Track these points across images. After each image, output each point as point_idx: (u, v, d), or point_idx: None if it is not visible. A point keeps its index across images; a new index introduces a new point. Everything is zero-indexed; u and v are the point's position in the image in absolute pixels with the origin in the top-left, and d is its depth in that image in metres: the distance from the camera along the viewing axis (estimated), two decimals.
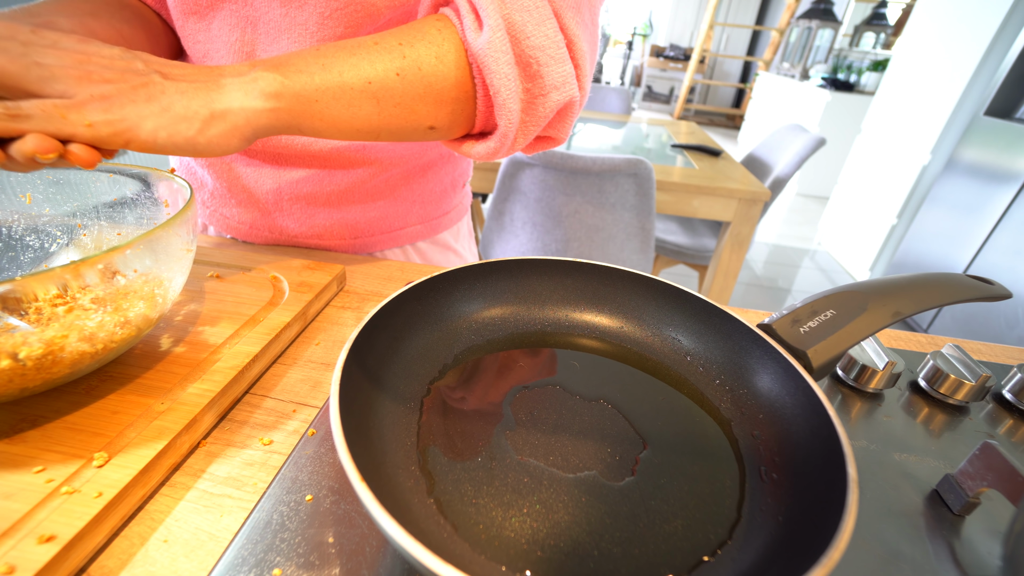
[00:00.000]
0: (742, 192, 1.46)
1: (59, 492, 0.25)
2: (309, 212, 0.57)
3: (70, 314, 0.29)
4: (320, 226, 0.58)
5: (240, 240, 0.61)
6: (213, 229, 0.63)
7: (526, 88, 0.39)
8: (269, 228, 0.58)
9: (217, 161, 0.56)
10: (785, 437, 0.28)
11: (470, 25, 0.37)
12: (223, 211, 0.59)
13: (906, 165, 2.54)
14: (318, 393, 0.37)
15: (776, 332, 0.32)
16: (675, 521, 0.26)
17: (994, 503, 0.31)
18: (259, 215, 0.57)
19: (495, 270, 0.39)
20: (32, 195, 0.39)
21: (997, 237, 1.89)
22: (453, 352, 0.36)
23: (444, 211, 0.66)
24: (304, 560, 0.24)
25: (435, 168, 0.60)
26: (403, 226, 0.62)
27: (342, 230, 0.58)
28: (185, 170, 0.61)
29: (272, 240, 0.59)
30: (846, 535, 0.19)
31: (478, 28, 0.37)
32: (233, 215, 0.59)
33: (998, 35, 2.07)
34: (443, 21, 0.39)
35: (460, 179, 0.67)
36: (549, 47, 0.38)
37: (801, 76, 4.97)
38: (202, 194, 0.60)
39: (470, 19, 0.37)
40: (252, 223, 0.58)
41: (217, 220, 0.60)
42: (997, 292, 0.33)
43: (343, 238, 0.59)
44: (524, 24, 0.37)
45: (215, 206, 0.59)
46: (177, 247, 0.33)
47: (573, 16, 0.40)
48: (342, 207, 0.57)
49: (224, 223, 0.60)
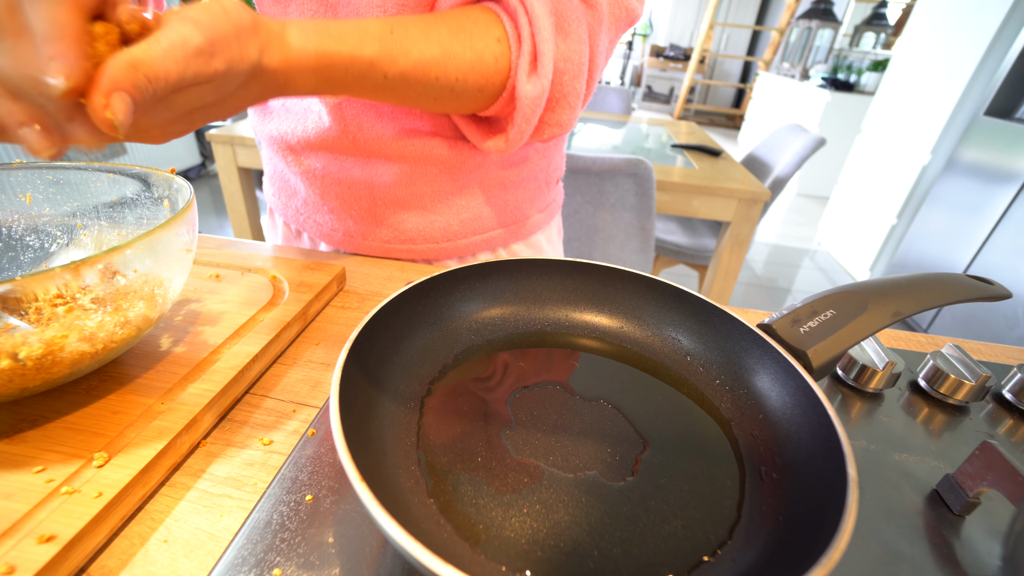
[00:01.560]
0: (742, 192, 1.46)
1: (59, 492, 0.25)
2: (400, 217, 0.56)
3: (70, 314, 0.29)
4: (412, 230, 0.57)
5: (332, 247, 0.61)
6: (307, 236, 0.63)
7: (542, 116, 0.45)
8: (362, 235, 0.58)
9: (309, 170, 0.56)
10: (785, 437, 0.28)
11: (524, 66, 0.41)
12: (316, 218, 0.59)
13: (906, 165, 2.54)
14: (318, 393, 0.37)
15: (776, 332, 0.32)
16: (675, 521, 0.26)
17: (994, 503, 0.31)
18: (352, 223, 0.57)
19: (495, 270, 0.39)
20: (32, 195, 0.39)
21: (997, 237, 1.89)
22: (453, 352, 0.36)
23: (538, 208, 0.63)
24: (304, 560, 0.24)
25: (528, 161, 0.59)
26: (494, 227, 0.60)
27: (433, 233, 0.58)
28: (278, 178, 0.61)
29: (364, 249, 0.59)
30: (846, 535, 0.19)
31: (532, 72, 0.41)
32: (326, 222, 0.59)
33: (998, 35, 2.07)
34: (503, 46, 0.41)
35: (554, 174, 0.65)
36: (571, 97, 0.44)
37: (801, 76, 4.97)
38: (295, 202, 0.60)
39: (527, 60, 0.40)
40: (345, 231, 0.58)
41: (311, 227, 0.60)
42: (997, 292, 0.33)
43: (434, 241, 0.58)
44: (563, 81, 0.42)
45: (308, 213, 0.59)
46: (177, 247, 0.33)
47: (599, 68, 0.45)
48: (434, 210, 0.56)
49: (317, 230, 0.60)
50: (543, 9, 0.39)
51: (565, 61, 0.41)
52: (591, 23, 0.42)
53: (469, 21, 0.40)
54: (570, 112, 0.45)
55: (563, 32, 0.40)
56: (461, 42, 0.39)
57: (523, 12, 0.40)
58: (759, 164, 2.02)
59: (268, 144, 0.58)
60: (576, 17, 0.41)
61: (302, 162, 0.55)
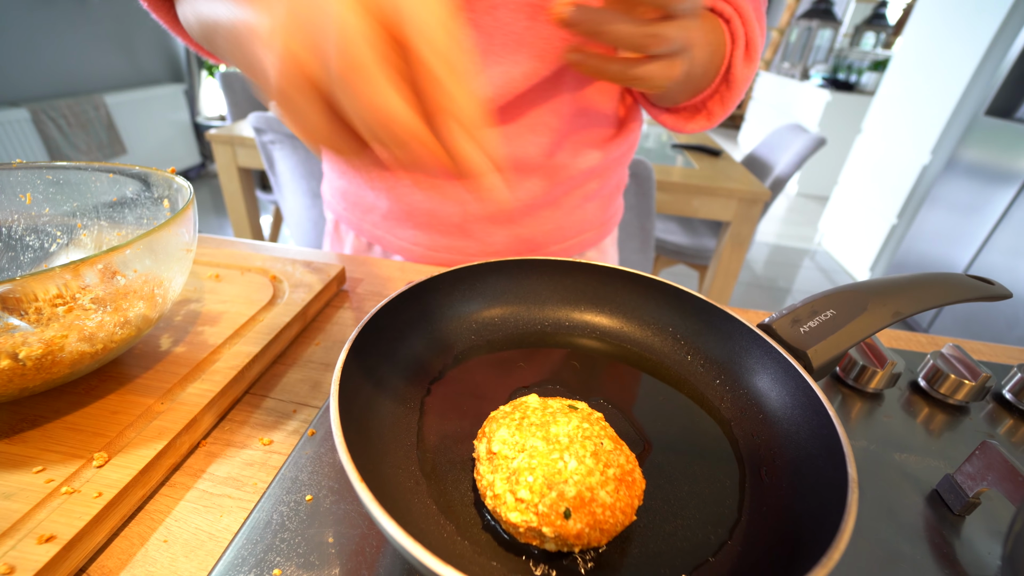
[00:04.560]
0: (742, 192, 1.46)
1: (59, 492, 0.25)
2: (489, 231, 0.57)
3: (70, 314, 0.29)
4: (499, 243, 0.58)
5: (406, 260, 0.61)
6: (379, 249, 0.63)
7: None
8: (448, 249, 0.58)
9: (395, 186, 0.56)
10: (785, 437, 0.28)
11: (739, 55, 0.47)
12: (397, 232, 0.59)
13: (906, 165, 2.54)
14: (318, 393, 0.37)
15: (776, 332, 0.32)
16: (675, 521, 0.26)
17: (994, 503, 0.31)
18: (439, 237, 0.58)
19: (495, 270, 0.39)
20: (32, 195, 0.39)
21: (997, 237, 1.89)
22: (453, 352, 0.36)
23: (610, 215, 0.65)
24: (304, 560, 0.24)
25: (607, 173, 0.60)
26: (575, 235, 0.61)
27: (518, 244, 0.59)
28: (352, 192, 0.60)
29: (444, 261, 0.59)
30: (846, 535, 0.19)
31: (747, 60, 0.48)
32: (408, 237, 0.59)
33: (998, 35, 2.07)
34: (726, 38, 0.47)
35: (622, 182, 0.67)
36: (750, 80, 0.51)
37: (801, 76, 4.97)
38: (372, 216, 0.60)
39: (740, 51, 0.47)
40: (429, 245, 0.58)
41: (388, 243, 0.60)
42: (997, 292, 0.33)
43: (517, 252, 0.59)
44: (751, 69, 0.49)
45: (388, 228, 0.59)
46: (177, 247, 0.33)
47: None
48: (521, 222, 0.57)
49: (395, 245, 0.60)
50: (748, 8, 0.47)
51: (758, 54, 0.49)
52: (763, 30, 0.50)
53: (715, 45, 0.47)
54: (744, 94, 0.52)
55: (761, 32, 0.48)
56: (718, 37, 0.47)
57: (736, 12, 0.47)
58: (759, 164, 2.02)
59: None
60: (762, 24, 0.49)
61: (388, 179, 0.56)
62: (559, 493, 0.23)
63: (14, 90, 2.46)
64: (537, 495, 0.23)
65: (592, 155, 0.56)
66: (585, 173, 0.57)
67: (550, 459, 0.24)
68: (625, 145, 0.60)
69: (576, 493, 0.23)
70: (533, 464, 0.24)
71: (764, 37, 0.49)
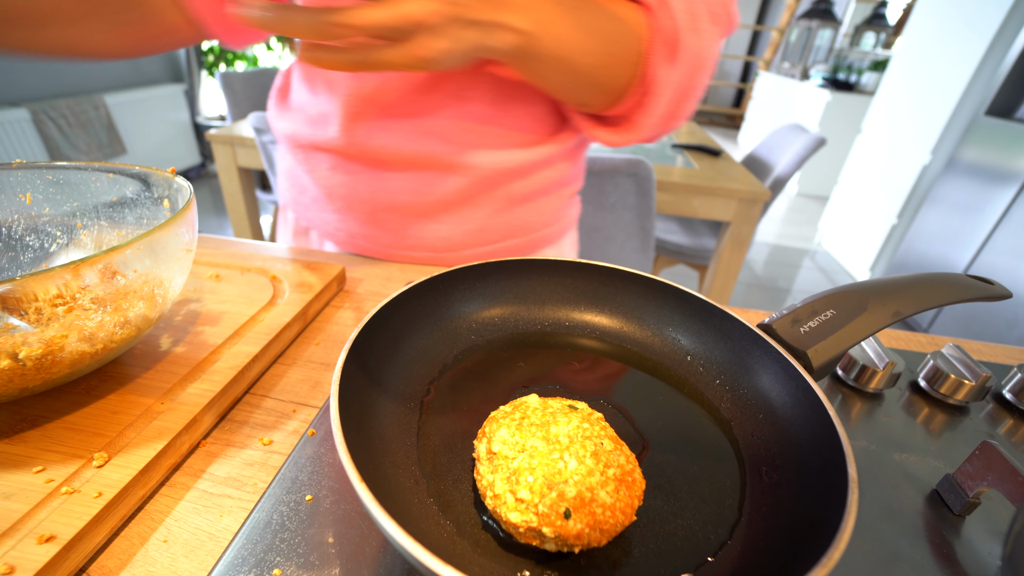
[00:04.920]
0: (742, 192, 1.46)
1: (59, 492, 0.25)
2: (404, 223, 0.56)
3: (70, 314, 0.29)
4: (413, 238, 0.57)
5: (338, 248, 0.61)
6: (315, 234, 0.63)
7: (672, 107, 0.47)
8: (364, 237, 0.58)
9: (316, 169, 0.56)
10: (785, 437, 0.28)
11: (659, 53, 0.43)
12: (323, 216, 0.59)
13: (906, 165, 2.54)
14: (318, 393, 0.37)
15: (776, 332, 0.32)
16: (675, 521, 0.26)
17: (994, 503, 0.31)
18: (355, 224, 0.57)
19: (495, 270, 0.39)
20: (32, 195, 0.39)
21: (997, 237, 1.89)
22: (453, 352, 0.36)
23: (547, 223, 0.62)
24: (304, 560, 0.24)
25: (537, 177, 0.57)
26: (500, 239, 0.59)
27: (435, 242, 0.57)
28: (291, 173, 0.61)
29: (366, 251, 0.59)
30: (846, 535, 0.19)
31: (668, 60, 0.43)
32: (331, 222, 0.59)
33: (998, 35, 2.07)
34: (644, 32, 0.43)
35: (567, 189, 0.63)
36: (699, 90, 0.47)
37: (801, 76, 4.97)
38: (304, 198, 0.60)
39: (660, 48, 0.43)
40: (348, 231, 0.58)
41: (318, 225, 0.60)
42: (997, 292, 0.33)
43: (435, 250, 0.58)
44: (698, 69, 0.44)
45: (316, 211, 0.60)
46: (177, 247, 0.33)
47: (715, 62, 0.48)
48: (437, 219, 0.56)
49: (323, 228, 0.60)
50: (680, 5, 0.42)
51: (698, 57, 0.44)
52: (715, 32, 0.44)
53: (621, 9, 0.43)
54: (693, 105, 0.48)
55: (697, 32, 0.43)
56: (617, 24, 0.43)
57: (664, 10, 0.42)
58: (759, 164, 2.02)
59: (282, 140, 0.59)
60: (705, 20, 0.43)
61: (311, 161, 0.56)
62: (559, 493, 0.23)
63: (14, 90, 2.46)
64: (537, 495, 0.23)
65: (512, 155, 0.54)
66: (503, 174, 0.55)
67: (550, 459, 0.24)
68: (558, 149, 0.56)
69: (576, 493, 0.23)
70: (533, 464, 0.24)
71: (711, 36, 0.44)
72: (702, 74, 0.45)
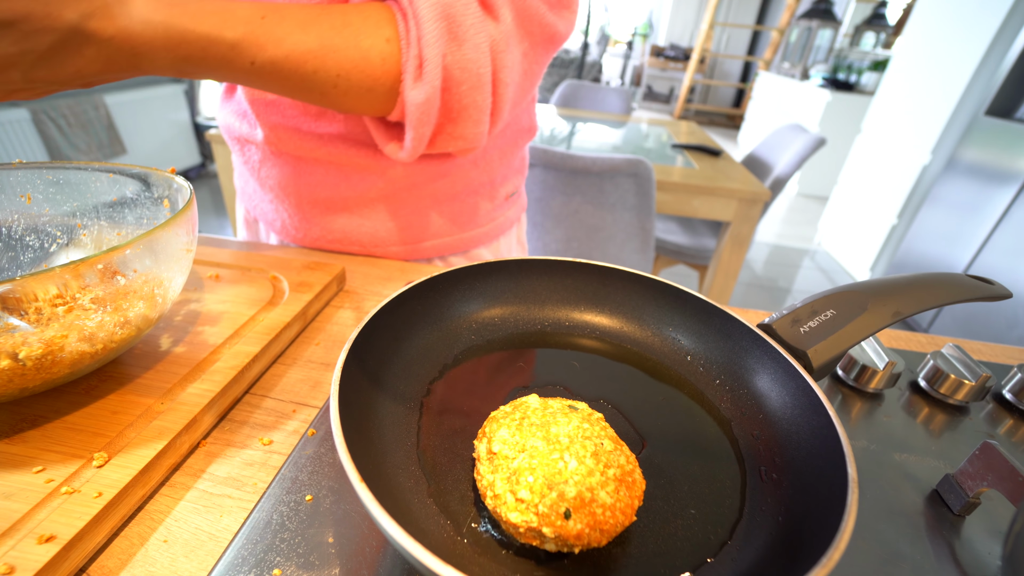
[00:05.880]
0: (742, 192, 1.46)
1: (59, 492, 0.25)
2: (328, 217, 0.56)
3: (70, 314, 0.29)
4: (339, 231, 0.57)
5: (278, 238, 0.61)
6: (262, 225, 0.63)
7: (440, 124, 0.42)
8: (295, 228, 0.58)
9: (249, 160, 0.57)
10: (785, 437, 0.28)
11: (411, 71, 0.38)
12: (262, 206, 0.60)
13: (906, 165, 2.54)
14: (318, 393, 0.37)
15: (776, 332, 0.32)
16: (675, 521, 0.26)
17: (994, 503, 0.31)
18: (287, 215, 0.58)
19: (495, 270, 0.39)
20: (32, 195, 0.39)
21: (997, 237, 1.89)
22: (453, 352, 0.36)
23: (477, 223, 0.61)
24: (304, 560, 0.24)
25: (460, 176, 0.57)
26: (427, 238, 0.59)
27: (360, 237, 0.58)
28: (237, 167, 0.61)
29: (300, 242, 0.59)
30: (846, 535, 0.19)
31: (418, 78, 0.39)
32: (268, 211, 0.59)
33: (998, 35, 2.07)
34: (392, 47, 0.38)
35: (500, 189, 0.62)
36: (473, 110, 0.41)
37: (801, 76, 4.97)
38: (248, 188, 0.61)
39: (413, 65, 0.38)
40: (283, 222, 0.59)
41: (260, 215, 0.61)
42: (997, 292, 0.33)
43: (361, 244, 0.58)
44: (460, 91, 0.40)
45: (256, 201, 0.60)
46: (177, 247, 0.33)
47: (510, 85, 0.42)
48: (359, 213, 0.56)
49: (264, 218, 0.61)
50: (430, 12, 0.37)
51: (460, 69, 0.39)
52: (493, 34, 0.40)
53: (359, 18, 0.38)
54: (475, 127, 0.42)
55: (456, 38, 0.38)
56: (344, 38, 0.37)
57: (411, 14, 0.38)
58: (759, 164, 2.02)
59: (223, 131, 0.59)
60: (472, 24, 0.38)
61: (245, 152, 0.57)
62: (559, 493, 0.23)
63: None
64: (537, 495, 0.23)
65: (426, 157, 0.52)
66: (420, 175, 0.54)
67: (550, 459, 0.24)
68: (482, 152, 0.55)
69: (576, 493, 0.23)
70: (533, 464, 0.24)
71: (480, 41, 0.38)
72: (473, 90, 0.40)
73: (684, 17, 7.23)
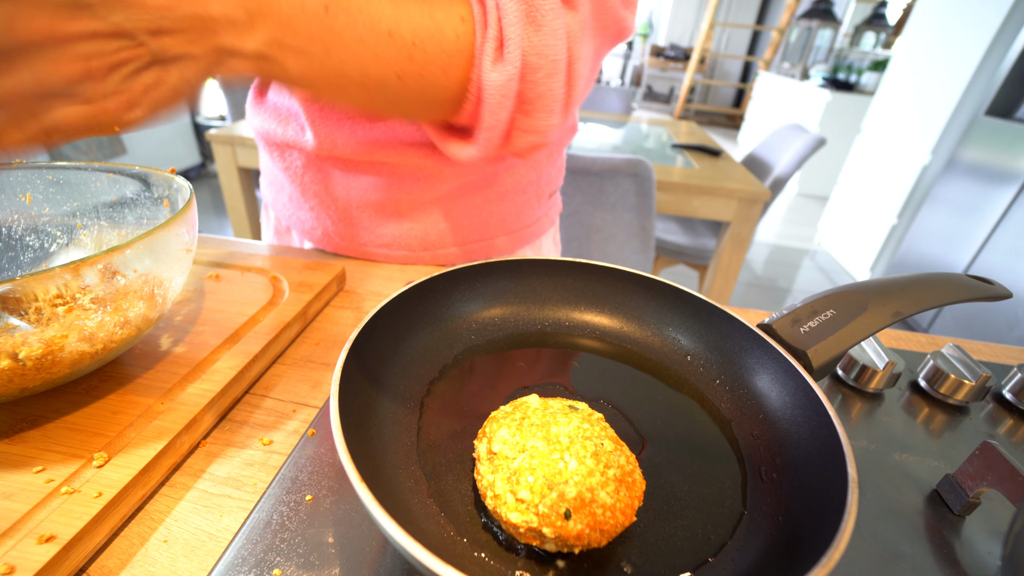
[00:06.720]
0: (742, 192, 1.46)
1: (59, 492, 0.25)
2: (377, 221, 0.56)
3: (70, 314, 0.29)
4: (387, 236, 0.57)
5: (315, 246, 0.60)
6: (296, 234, 0.63)
7: (512, 117, 0.40)
8: (340, 235, 0.58)
9: (291, 167, 0.56)
10: (785, 437, 0.28)
11: (489, 52, 0.36)
12: (299, 215, 0.59)
13: (906, 165, 2.54)
14: (318, 393, 0.37)
15: (776, 332, 0.32)
16: (675, 521, 0.26)
17: (994, 503, 0.31)
18: (330, 223, 0.57)
19: (495, 270, 0.39)
20: (32, 195, 0.39)
21: (997, 237, 1.89)
22: (453, 352, 0.36)
23: (525, 223, 0.61)
24: (304, 560, 0.24)
25: (513, 173, 0.56)
26: (478, 239, 0.59)
27: (410, 240, 0.57)
28: (270, 172, 0.61)
29: (342, 250, 0.59)
30: (846, 535, 0.19)
31: (498, 59, 0.36)
32: (307, 220, 0.58)
33: (998, 35, 2.07)
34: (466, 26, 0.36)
35: (546, 187, 0.62)
36: (548, 99, 0.39)
37: (801, 76, 4.97)
38: (282, 196, 0.60)
39: (492, 46, 0.36)
40: (324, 230, 0.58)
41: (296, 223, 0.60)
42: (997, 292, 0.33)
43: (410, 248, 0.58)
44: (536, 78, 0.37)
45: (293, 210, 0.59)
46: (177, 247, 0.33)
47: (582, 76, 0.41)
48: (411, 217, 0.56)
49: (301, 227, 0.60)
50: None
51: (537, 55, 0.37)
52: (570, 23, 0.38)
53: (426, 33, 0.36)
54: (547, 118, 0.40)
55: (535, 23, 0.36)
56: (419, 5, 0.35)
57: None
58: (759, 164, 2.02)
59: (258, 137, 0.59)
60: (551, 10, 0.36)
61: (285, 159, 0.56)
62: (559, 494, 0.23)
63: None
64: (537, 495, 0.23)
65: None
66: (475, 175, 0.54)
67: (550, 459, 0.24)
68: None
69: (576, 494, 0.23)
70: (533, 464, 0.24)
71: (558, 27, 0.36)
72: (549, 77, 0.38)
73: (684, 17, 7.23)
